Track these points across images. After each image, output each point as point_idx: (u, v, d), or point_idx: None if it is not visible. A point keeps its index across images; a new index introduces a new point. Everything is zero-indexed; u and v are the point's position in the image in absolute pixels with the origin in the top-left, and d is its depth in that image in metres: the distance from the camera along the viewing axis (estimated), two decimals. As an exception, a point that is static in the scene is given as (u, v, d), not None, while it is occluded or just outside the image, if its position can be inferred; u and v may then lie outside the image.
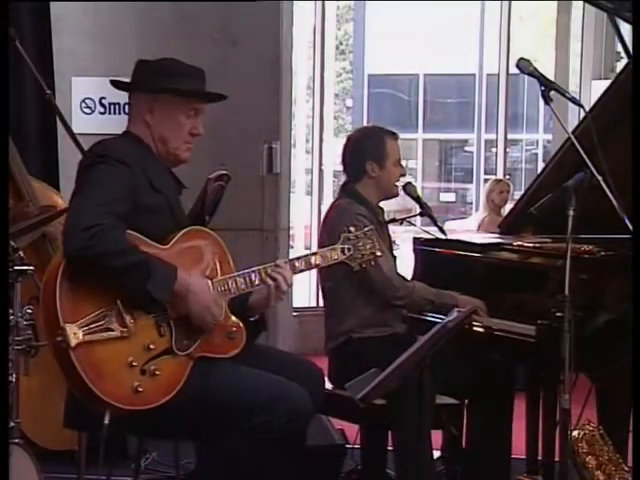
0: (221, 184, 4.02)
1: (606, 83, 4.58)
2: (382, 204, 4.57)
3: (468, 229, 8.22)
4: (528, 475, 4.17)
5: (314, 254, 3.61)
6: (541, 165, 16.39)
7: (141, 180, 3.35)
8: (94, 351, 3.11)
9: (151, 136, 3.49)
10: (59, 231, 4.53)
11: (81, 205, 3.21)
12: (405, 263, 4.91)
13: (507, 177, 9.81)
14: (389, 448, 4.28)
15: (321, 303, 4.64)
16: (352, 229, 3.63)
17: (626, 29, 4.58)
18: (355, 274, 4.19)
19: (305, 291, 8.72)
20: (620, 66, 8.23)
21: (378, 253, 3.66)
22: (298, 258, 3.57)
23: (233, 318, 3.43)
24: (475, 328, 4.27)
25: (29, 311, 3.77)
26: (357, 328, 4.36)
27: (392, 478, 4.37)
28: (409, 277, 4.78)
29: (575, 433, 3.58)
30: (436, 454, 4.69)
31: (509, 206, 7.11)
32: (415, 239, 4.89)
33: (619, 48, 9.02)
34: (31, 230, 4.17)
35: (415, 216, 4.79)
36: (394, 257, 4.55)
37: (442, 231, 4.71)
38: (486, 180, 9.76)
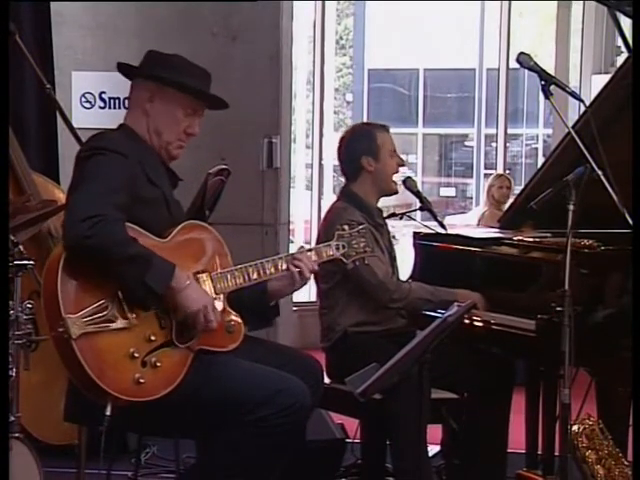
0: (221, 179, 4.02)
1: (606, 77, 4.58)
2: (382, 199, 4.57)
3: (468, 224, 8.22)
4: (528, 469, 4.17)
5: (310, 250, 3.65)
6: (541, 160, 16.36)
7: (138, 172, 3.36)
8: (96, 342, 3.12)
9: (147, 126, 3.49)
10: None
11: (80, 196, 3.21)
12: (405, 258, 4.91)
13: (507, 172, 9.82)
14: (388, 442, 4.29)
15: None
16: (346, 227, 3.66)
17: (626, 23, 4.57)
18: (350, 277, 4.21)
19: (305, 286, 8.71)
20: (620, 60, 8.21)
21: (371, 251, 3.69)
22: (295, 254, 3.58)
23: (232, 313, 3.43)
24: (475, 323, 4.27)
25: (29, 305, 3.77)
26: (353, 326, 4.37)
27: (391, 472, 4.37)
28: (409, 272, 4.79)
29: (575, 427, 3.58)
30: (436, 448, 4.71)
31: (511, 201, 7.11)
32: (415, 234, 4.89)
33: (619, 42, 9.02)
34: (32, 224, 4.17)
35: (415, 211, 4.79)
36: (394, 257, 4.55)
37: (442, 226, 4.71)
38: (486, 175, 9.78)
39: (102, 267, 3.14)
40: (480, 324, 4.27)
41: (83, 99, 6.80)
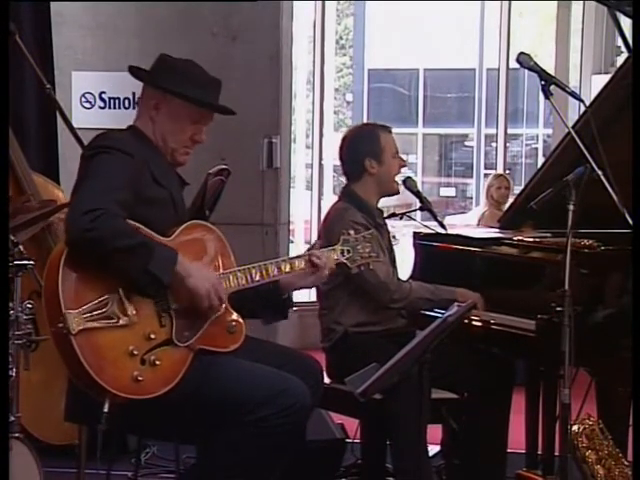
0: (221, 179, 4.02)
1: (606, 77, 4.58)
2: (382, 199, 4.57)
3: (468, 224, 8.22)
4: (528, 469, 4.17)
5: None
6: (541, 160, 16.37)
7: (143, 172, 3.36)
8: (95, 338, 3.12)
9: (153, 132, 3.50)
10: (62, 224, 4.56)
11: (83, 191, 3.22)
12: (405, 258, 4.91)
13: (507, 172, 9.82)
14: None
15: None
16: (351, 232, 3.65)
17: (626, 23, 4.57)
18: (351, 278, 4.21)
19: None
20: (620, 60, 8.22)
21: (376, 257, 3.69)
22: (298, 257, 3.58)
23: (234, 313, 3.43)
24: (475, 323, 4.27)
25: (29, 305, 3.77)
26: (353, 326, 4.37)
27: (391, 472, 4.37)
28: (409, 272, 4.79)
29: (575, 427, 3.58)
30: (436, 448, 4.71)
31: (510, 201, 7.11)
32: (415, 234, 4.89)
33: (619, 42, 9.02)
34: (32, 224, 4.16)
35: (415, 211, 4.79)
36: (393, 257, 4.55)
37: (442, 226, 4.71)
38: (486, 175, 9.77)
39: (104, 260, 3.14)
40: (480, 324, 4.27)
41: (83, 99, 6.81)
